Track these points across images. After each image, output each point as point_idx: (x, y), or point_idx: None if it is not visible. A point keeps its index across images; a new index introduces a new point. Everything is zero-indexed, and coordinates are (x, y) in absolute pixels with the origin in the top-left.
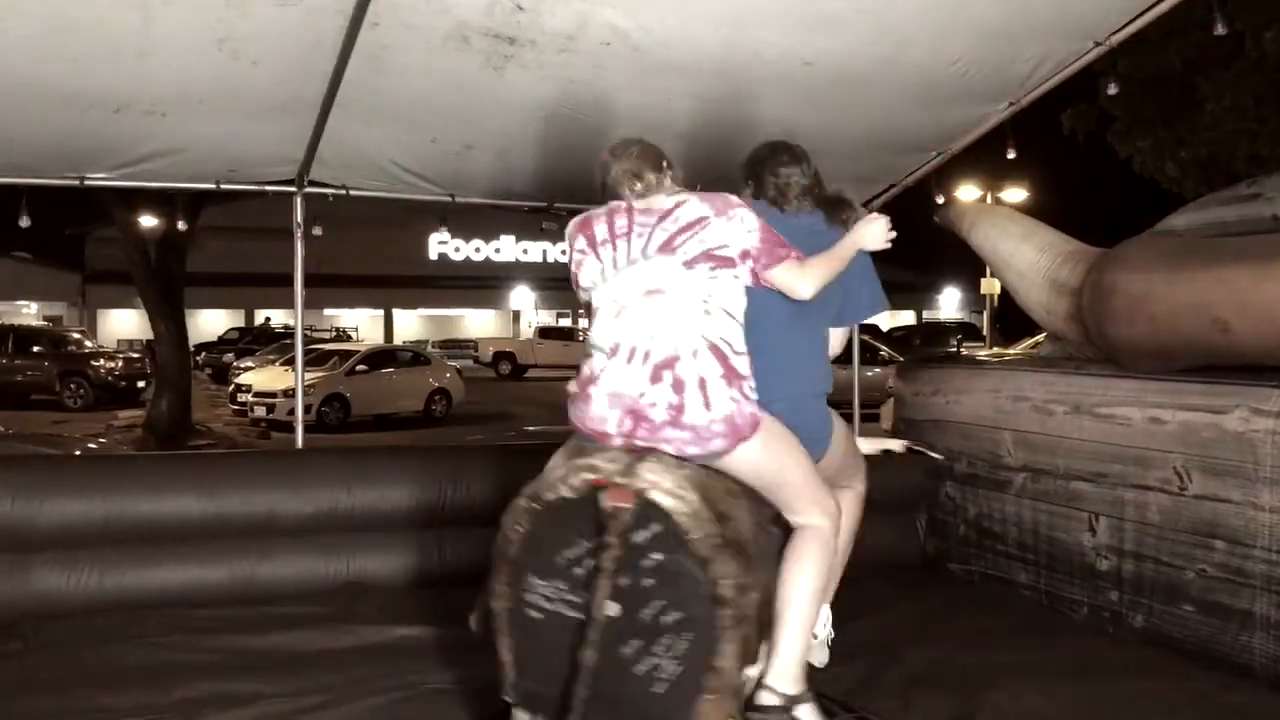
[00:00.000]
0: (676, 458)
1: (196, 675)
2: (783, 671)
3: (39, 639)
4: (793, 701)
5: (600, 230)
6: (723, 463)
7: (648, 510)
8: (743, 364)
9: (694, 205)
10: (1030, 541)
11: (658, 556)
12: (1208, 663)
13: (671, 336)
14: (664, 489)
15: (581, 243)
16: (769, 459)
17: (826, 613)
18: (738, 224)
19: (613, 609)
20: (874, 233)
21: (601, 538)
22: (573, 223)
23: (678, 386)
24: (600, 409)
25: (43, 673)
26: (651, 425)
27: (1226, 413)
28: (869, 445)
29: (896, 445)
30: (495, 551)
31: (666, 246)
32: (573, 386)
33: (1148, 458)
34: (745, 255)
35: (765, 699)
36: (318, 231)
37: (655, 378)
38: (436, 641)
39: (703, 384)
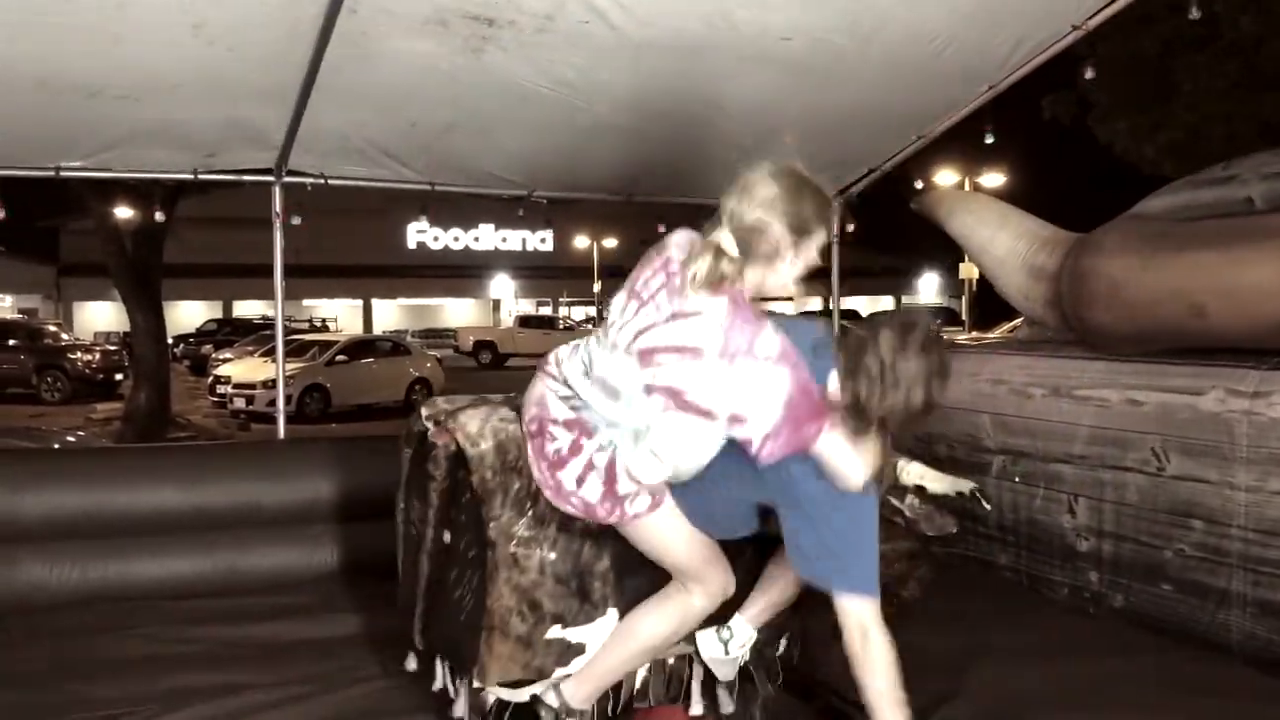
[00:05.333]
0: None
1: (181, 666)
2: (579, 682)
3: (21, 631)
4: (567, 715)
5: None
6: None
7: (461, 453)
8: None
9: None
10: (1010, 523)
11: (467, 496)
12: (1186, 641)
13: None
14: (468, 434)
15: None
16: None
17: (749, 632)
18: None
19: (446, 536)
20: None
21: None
22: None
23: None
24: None
25: (26, 665)
26: None
27: (1203, 394)
28: (945, 484)
29: (967, 486)
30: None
31: None
32: None
33: (1126, 439)
34: None
35: (547, 698)
36: (296, 221)
37: None
38: None
39: None
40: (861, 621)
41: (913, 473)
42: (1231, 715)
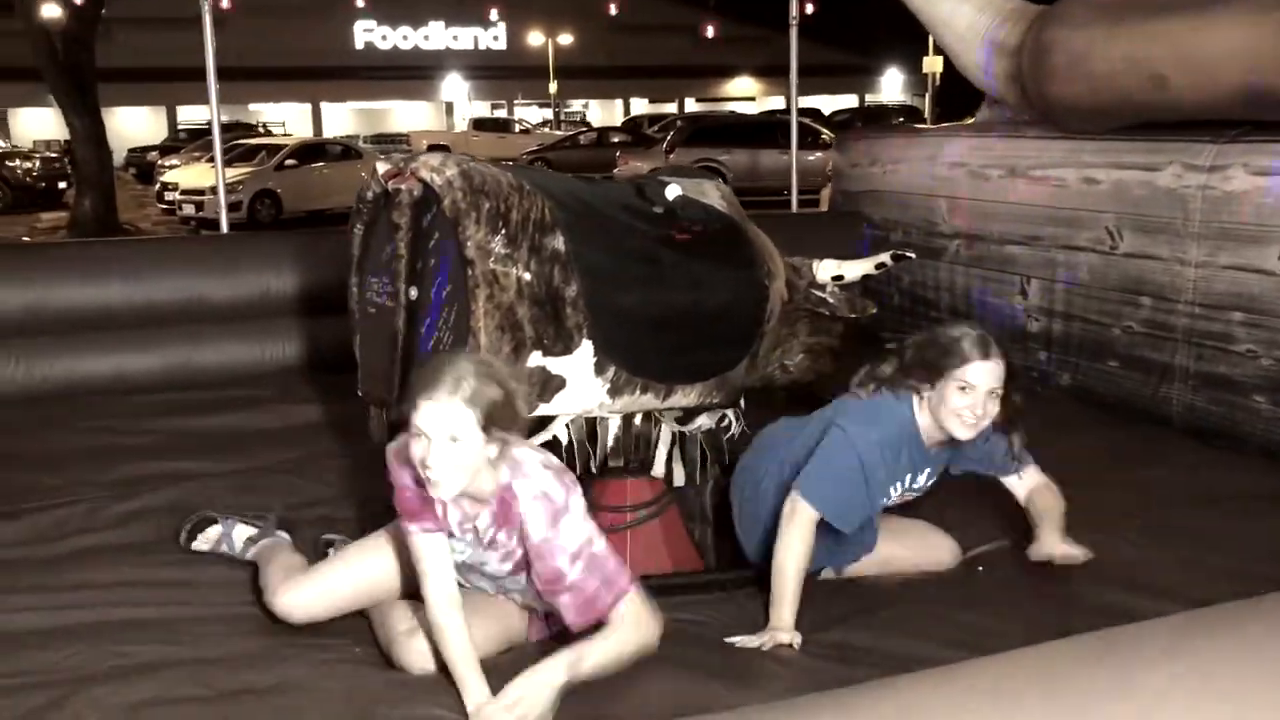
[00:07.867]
0: None
1: (136, 456)
2: None
3: None
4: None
5: None
6: None
7: (427, 193)
8: None
9: None
10: (962, 306)
11: (436, 235)
12: (1130, 415)
13: None
14: (431, 166)
15: None
16: None
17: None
18: None
19: (413, 293)
20: None
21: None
22: None
23: None
24: None
25: None
26: None
27: (1159, 169)
28: (861, 267)
29: (884, 257)
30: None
31: None
32: None
33: (1080, 218)
34: None
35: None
36: (225, 4)
37: None
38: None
39: None
40: (795, 507)
41: (827, 268)
42: (1174, 482)
